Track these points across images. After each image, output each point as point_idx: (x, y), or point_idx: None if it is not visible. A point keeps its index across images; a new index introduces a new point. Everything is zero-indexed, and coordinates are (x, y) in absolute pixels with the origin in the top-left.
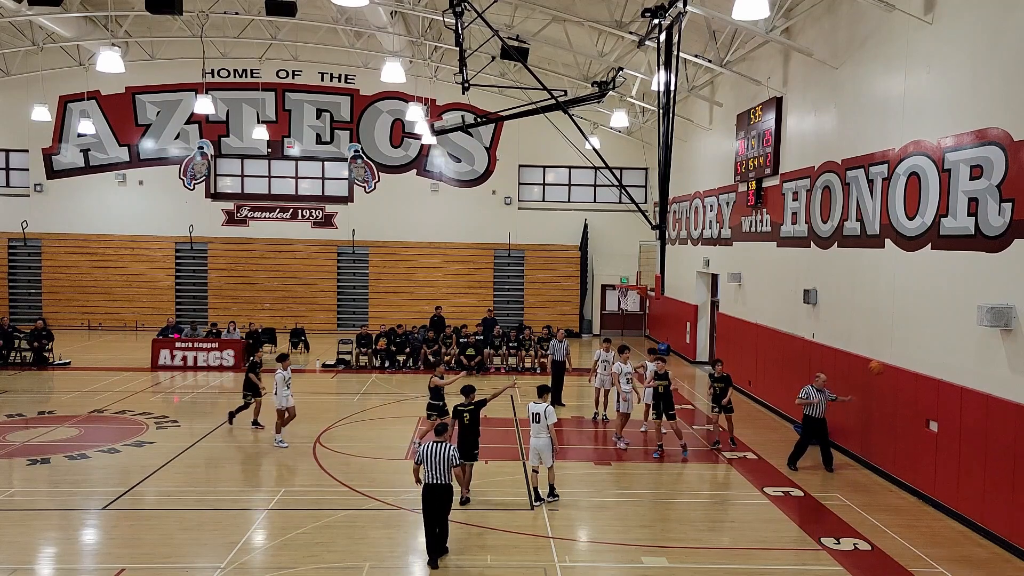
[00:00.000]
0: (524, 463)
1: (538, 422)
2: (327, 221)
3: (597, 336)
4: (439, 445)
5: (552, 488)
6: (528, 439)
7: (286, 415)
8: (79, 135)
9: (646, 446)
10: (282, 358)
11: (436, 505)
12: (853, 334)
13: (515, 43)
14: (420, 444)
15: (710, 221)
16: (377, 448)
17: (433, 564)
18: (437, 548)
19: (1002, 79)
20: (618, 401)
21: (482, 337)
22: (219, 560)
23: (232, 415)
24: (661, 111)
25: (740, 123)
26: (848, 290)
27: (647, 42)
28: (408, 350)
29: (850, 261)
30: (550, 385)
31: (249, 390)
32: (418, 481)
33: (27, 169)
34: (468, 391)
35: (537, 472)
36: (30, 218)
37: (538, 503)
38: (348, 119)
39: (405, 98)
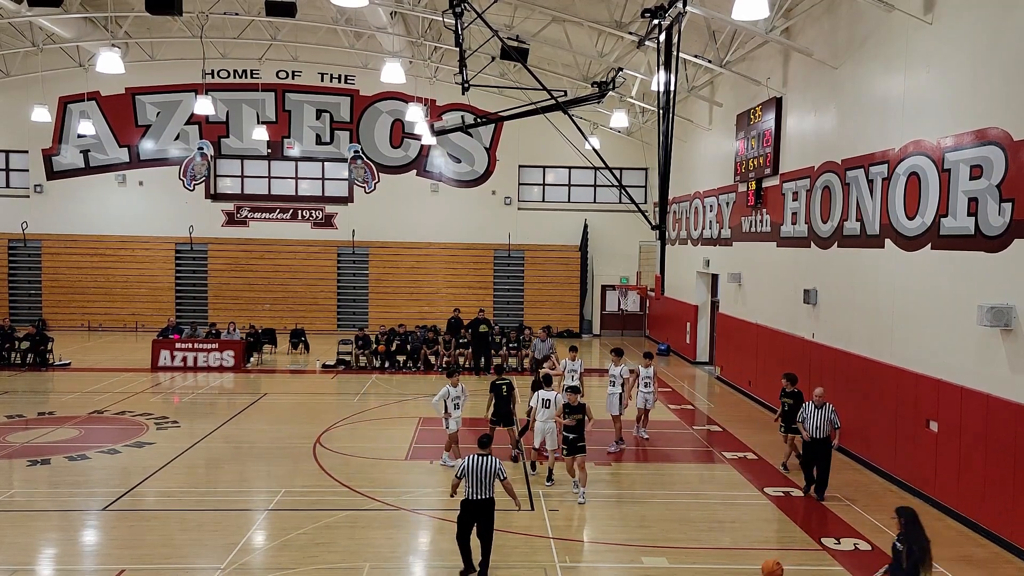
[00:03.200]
0: (524, 462)
1: (548, 407)
2: (327, 222)
3: (598, 336)
4: (484, 458)
5: (551, 473)
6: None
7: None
8: (79, 136)
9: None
10: (451, 373)
11: (478, 520)
12: (853, 334)
13: (515, 43)
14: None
15: (710, 221)
16: (377, 448)
17: (470, 568)
18: (482, 565)
19: (1002, 79)
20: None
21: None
22: (219, 561)
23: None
24: (661, 111)
25: (740, 123)
26: (848, 290)
27: (647, 42)
28: (408, 350)
29: (850, 261)
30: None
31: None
32: (454, 495)
33: (27, 170)
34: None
35: (537, 450)
36: (30, 219)
37: (534, 473)
38: (348, 119)
39: (405, 98)
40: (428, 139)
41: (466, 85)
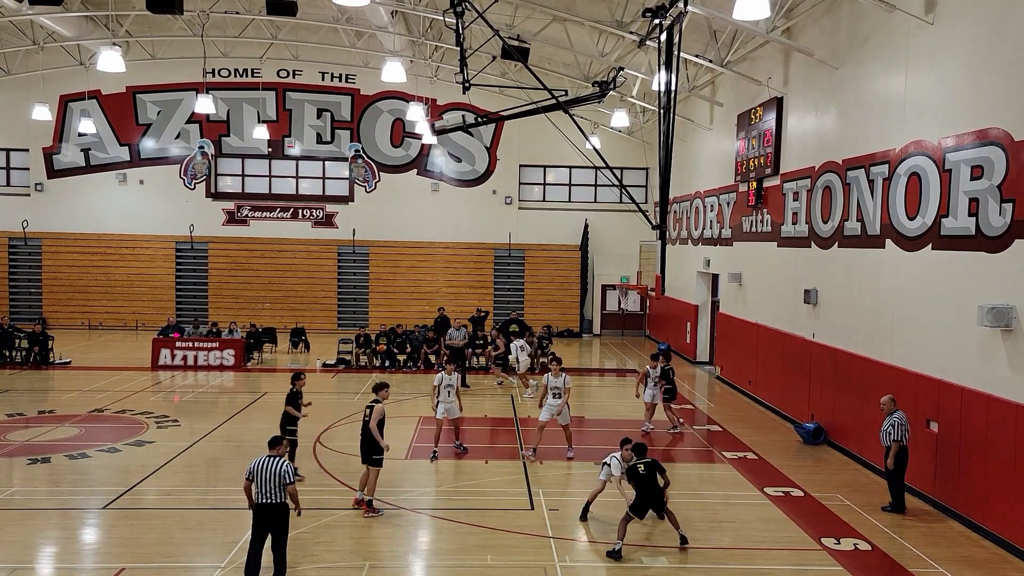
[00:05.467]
0: (524, 462)
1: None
2: (327, 221)
3: (598, 336)
4: (271, 459)
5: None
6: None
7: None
8: (80, 134)
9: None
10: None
11: (270, 527)
12: (853, 334)
13: (516, 43)
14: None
15: (710, 221)
16: None
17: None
18: None
19: (1002, 79)
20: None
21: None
22: (219, 560)
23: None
24: (661, 111)
25: (740, 123)
26: (848, 290)
27: (648, 42)
28: (408, 350)
29: (850, 261)
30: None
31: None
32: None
33: (27, 168)
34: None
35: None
36: (30, 217)
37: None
38: (348, 119)
39: (406, 98)
40: (429, 138)
41: (467, 84)
